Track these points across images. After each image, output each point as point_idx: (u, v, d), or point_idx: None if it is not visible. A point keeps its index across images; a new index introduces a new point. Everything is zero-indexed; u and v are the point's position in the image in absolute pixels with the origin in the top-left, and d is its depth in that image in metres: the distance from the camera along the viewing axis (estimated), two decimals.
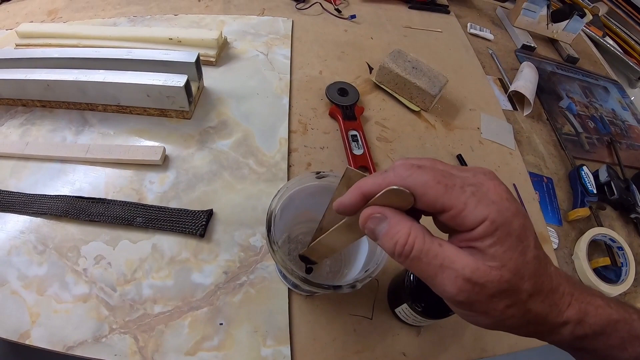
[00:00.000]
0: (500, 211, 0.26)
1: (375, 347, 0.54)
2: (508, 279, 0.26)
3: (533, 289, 0.27)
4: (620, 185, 0.81)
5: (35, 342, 0.48)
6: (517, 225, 0.27)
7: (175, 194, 0.62)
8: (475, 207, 0.26)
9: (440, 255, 0.27)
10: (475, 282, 0.26)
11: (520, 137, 0.89)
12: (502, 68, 1.06)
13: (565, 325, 0.29)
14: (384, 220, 0.29)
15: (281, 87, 0.80)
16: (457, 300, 0.27)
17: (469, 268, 0.26)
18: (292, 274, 0.43)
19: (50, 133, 0.67)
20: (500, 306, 0.27)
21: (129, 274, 0.54)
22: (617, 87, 1.19)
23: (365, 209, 0.30)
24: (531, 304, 0.27)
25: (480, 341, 0.57)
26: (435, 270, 0.27)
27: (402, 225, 0.28)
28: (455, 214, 0.27)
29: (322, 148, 0.73)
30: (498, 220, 0.26)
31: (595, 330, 0.29)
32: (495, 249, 0.26)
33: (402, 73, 0.82)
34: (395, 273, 0.57)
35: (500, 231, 0.26)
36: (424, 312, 0.49)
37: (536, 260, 0.27)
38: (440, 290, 0.28)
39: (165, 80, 0.65)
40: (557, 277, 0.29)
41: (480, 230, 0.26)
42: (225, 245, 0.58)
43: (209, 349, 0.50)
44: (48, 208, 0.58)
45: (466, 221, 0.27)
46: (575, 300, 0.29)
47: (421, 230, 0.28)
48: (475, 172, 0.29)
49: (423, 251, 0.27)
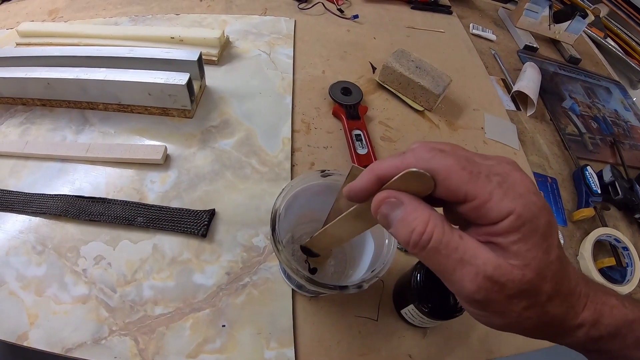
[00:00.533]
0: (527, 205, 0.24)
1: (380, 349, 0.53)
2: (530, 279, 0.24)
3: (553, 290, 0.25)
4: (624, 185, 0.81)
5: (34, 344, 0.47)
6: (543, 221, 0.25)
7: (177, 193, 0.61)
8: (502, 199, 0.24)
9: (461, 248, 0.25)
10: (496, 280, 0.24)
11: (524, 137, 0.88)
12: (505, 68, 1.05)
13: (580, 328, 0.27)
14: (400, 206, 0.26)
15: (284, 87, 0.79)
16: (475, 298, 0.25)
17: (491, 265, 0.24)
18: (297, 274, 0.42)
19: (50, 132, 0.66)
20: (518, 307, 0.25)
21: (129, 274, 0.53)
22: (619, 88, 1.19)
23: (379, 192, 0.27)
24: (549, 306, 0.26)
25: (487, 343, 0.56)
26: (455, 265, 0.25)
27: (420, 212, 0.26)
28: (479, 205, 0.25)
29: (326, 147, 0.72)
30: (525, 215, 0.24)
31: (610, 331, 0.28)
32: (519, 246, 0.24)
33: (406, 72, 0.81)
34: (401, 274, 0.57)
35: (526, 227, 0.24)
36: (430, 313, 0.48)
37: (559, 260, 0.26)
38: (457, 286, 0.26)
39: (167, 78, 0.64)
40: (575, 278, 0.27)
41: (504, 225, 0.24)
42: (227, 245, 0.57)
43: (211, 351, 0.49)
44: (47, 207, 0.57)
45: (490, 213, 0.25)
46: (591, 302, 0.28)
47: (441, 219, 0.26)
48: (500, 160, 0.27)
49: (443, 242, 0.25)
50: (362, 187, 0.29)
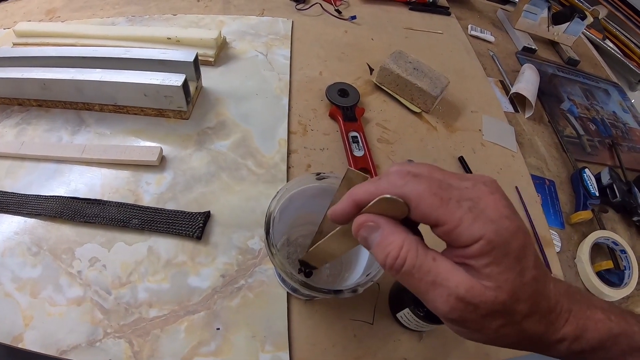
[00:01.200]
0: (498, 231, 0.25)
1: (376, 353, 0.53)
2: (503, 301, 0.25)
3: (529, 310, 0.26)
4: (622, 188, 0.81)
5: (29, 346, 0.47)
6: (515, 245, 0.25)
7: (172, 195, 0.61)
8: (471, 224, 0.25)
9: (433, 271, 0.26)
10: (468, 301, 0.25)
11: (522, 139, 0.88)
12: (503, 70, 1.05)
13: (562, 342, 0.28)
14: (377, 230, 0.28)
15: (281, 88, 0.79)
16: (449, 318, 0.26)
17: (463, 286, 0.25)
18: (291, 278, 0.42)
19: (46, 133, 0.66)
20: (494, 326, 0.26)
21: (124, 276, 0.53)
22: (618, 90, 1.19)
23: (359, 216, 0.29)
24: (526, 325, 0.26)
25: (483, 347, 0.56)
26: (427, 287, 0.26)
27: (395, 237, 0.27)
28: (450, 230, 0.26)
29: (322, 149, 0.72)
30: (495, 240, 0.25)
31: (593, 345, 0.28)
32: (490, 269, 0.25)
33: (403, 74, 0.81)
34: None
35: (497, 251, 0.25)
36: (426, 317, 0.48)
37: (534, 281, 0.26)
38: (431, 306, 0.27)
39: (163, 79, 0.63)
40: (555, 295, 0.28)
41: (475, 249, 0.25)
42: (222, 248, 0.57)
43: (206, 354, 0.49)
44: (43, 209, 0.56)
45: (461, 238, 0.25)
46: (574, 317, 0.28)
47: (415, 243, 0.27)
48: (476, 181, 0.27)
49: (415, 266, 0.26)
50: (341, 211, 0.30)
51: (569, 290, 0.29)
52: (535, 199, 0.76)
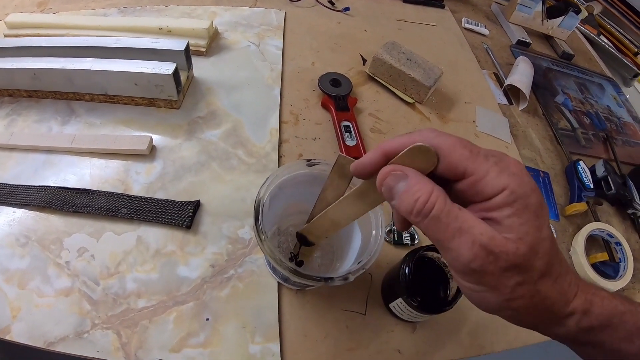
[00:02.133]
0: (521, 183, 0.26)
1: (369, 344, 0.52)
2: (523, 253, 0.26)
3: (545, 268, 0.27)
4: (617, 181, 0.81)
5: (16, 338, 0.46)
6: (535, 200, 0.26)
7: (162, 184, 0.60)
8: (497, 176, 0.26)
9: (460, 217, 0.26)
10: (491, 250, 0.25)
11: (516, 131, 0.88)
12: (497, 63, 1.05)
13: (571, 316, 0.28)
14: (405, 178, 0.28)
15: (272, 78, 0.78)
16: (470, 267, 0.26)
17: (486, 235, 0.26)
18: (281, 266, 0.41)
19: (36, 123, 0.65)
20: (512, 282, 0.26)
21: (112, 267, 0.52)
22: (612, 85, 1.19)
23: (385, 166, 0.29)
24: (541, 285, 0.27)
25: (478, 338, 0.56)
26: (453, 233, 0.26)
27: (424, 184, 0.27)
28: (476, 180, 0.27)
29: (314, 139, 0.71)
30: (518, 191, 0.26)
31: (602, 321, 0.28)
32: (512, 220, 0.26)
33: (396, 64, 0.80)
34: (390, 267, 0.56)
35: (519, 203, 0.26)
36: (419, 307, 0.47)
37: (550, 239, 0.27)
38: (454, 254, 0.27)
39: (154, 68, 0.63)
40: (566, 265, 0.28)
41: (499, 199, 0.26)
42: (212, 237, 0.56)
43: (195, 345, 0.48)
44: (31, 199, 0.55)
45: (486, 188, 0.26)
46: (582, 291, 0.28)
47: (443, 192, 0.27)
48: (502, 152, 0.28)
49: (444, 211, 0.26)
50: (370, 161, 0.30)
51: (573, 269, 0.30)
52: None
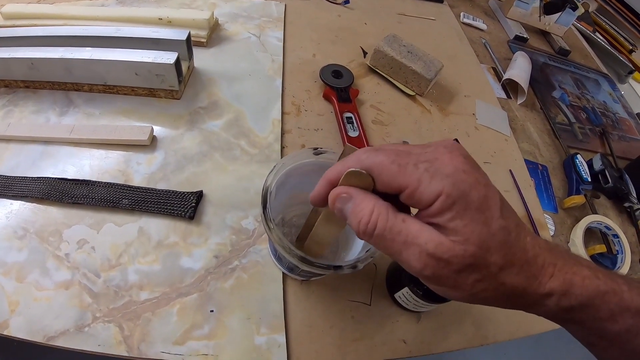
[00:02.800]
0: (455, 184, 0.26)
1: (374, 335, 0.52)
2: (473, 253, 0.26)
3: (503, 261, 0.26)
4: (614, 174, 0.82)
5: (14, 333, 0.45)
6: (476, 196, 0.26)
7: (164, 175, 0.59)
8: (430, 182, 0.26)
9: (404, 231, 0.27)
10: (439, 257, 0.26)
11: (515, 125, 0.88)
12: (496, 57, 1.05)
13: (549, 297, 0.28)
14: (350, 200, 0.29)
15: (274, 69, 0.78)
16: (424, 275, 0.27)
17: (432, 243, 0.26)
18: (289, 253, 0.41)
19: (33, 114, 0.63)
20: (469, 280, 0.27)
21: (113, 258, 0.51)
22: (608, 81, 1.20)
23: (332, 190, 0.31)
24: (504, 277, 0.27)
25: (482, 328, 0.56)
26: (400, 247, 0.27)
27: (366, 203, 0.28)
28: (411, 192, 0.27)
29: (317, 130, 0.71)
30: (453, 193, 0.26)
31: (582, 301, 0.28)
32: (455, 223, 0.26)
33: (398, 57, 0.80)
34: None
35: (458, 204, 0.26)
36: (424, 296, 0.47)
37: (503, 231, 0.26)
38: (406, 266, 0.28)
39: (155, 57, 0.62)
40: (534, 248, 0.28)
41: (437, 206, 0.26)
42: (215, 228, 0.56)
43: (199, 337, 0.47)
44: (29, 191, 0.54)
45: (423, 198, 0.27)
46: (559, 271, 0.28)
47: (385, 207, 0.28)
48: (437, 145, 0.29)
49: (386, 228, 0.27)
50: (319, 192, 0.32)
51: (550, 245, 0.29)
52: (529, 183, 0.76)
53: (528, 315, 0.60)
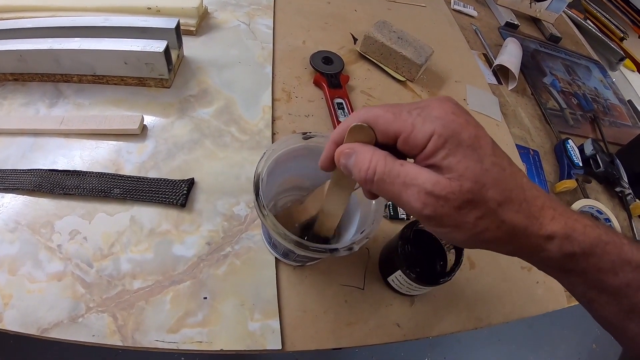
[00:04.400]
0: (446, 124, 0.27)
1: (368, 319, 0.52)
2: (469, 188, 0.27)
3: (501, 197, 0.27)
4: (605, 159, 0.82)
5: (8, 326, 0.45)
6: (466, 135, 0.27)
7: (155, 163, 0.59)
8: (422, 125, 0.28)
9: (402, 174, 0.28)
10: (437, 195, 0.27)
11: (506, 110, 0.88)
12: (486, 44, 1.05)
13: (551, 240, 0.28)
14: (353, 154, 0.31)
15: (264, 56, 0.78)
16: (425, 214, 0.28)
17: (429, 182, 0.27)
18: (285, 239, 0.41)
19: (22, 107, 0.62)
20: (471, 218, 0.27)
21: (106, 248, 0.51)
22: (599, 67, 1.21)
23: (338, 148, 0.32)
24: (504, 214, 0.27)
25: (475, 311, 0.56)
26: (400, 189, 0.28)
27: (365, 153, 0.30)
28: (406, 136, 0.28)
29: (307, 116, 0.71)
30: (445, 132, 0.27)
31: (585, 248, 0.28)
32: (449, 161, 0.27)
33: (388, 42, 0.80)
34: (387, 241, 0.56)
35: (450, 142, 0.27)
36: (418, 279, 0.48)
37: (496, 167, 0.27)
38: (407, 208, 0.29)
39: (144, 46, 0.61)
40: (532, 189, 0.29)
41: (430, 146, 0.27)
42: (207, 215, 0.55)
43: (193, 325, 0.47)
44: (20, 183, 0.54)
45: (417, 140, 0.28)
46: (560, 215, 0.29)
47: (383, 154, 0.30)
48: (430, 98, 0.30)
49: (385, 173, 0.29)
50: (327, 155, 0.34)
51: (550, 194, 0.30)
52: (521, 168, 0.76)
53: (521, 297, 0.61)
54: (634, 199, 0.81)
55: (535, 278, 0.62)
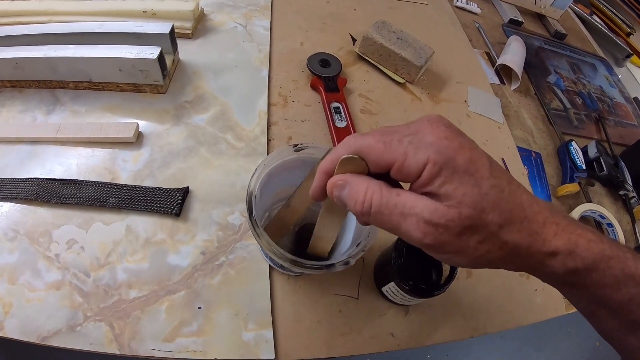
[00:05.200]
0: (439, 150, 0.26)
1: (362, 329, 0.52)
2: (468, 214, 0.26)
3: (501, 219, 0.27)
4: (609, 162, 0.81)
5: (9, 334, 0.45)
6: (462, 160, 0.27)
7: (150, 172, 0.59)
8: (415, 154, 0.27)
9: (399, 204, 0.28)
10: (436, 223, 0.26)
11: (508, 111, 0.87)
12: (489, 42, 1.04)
13: (555, 256, 0.28)
14: (346, 185, 0.30)
15: (260, 59, 0.77)
16: (426, 243, 0.27)
17: (427, 210, 0.27)
18: (280, 258, 0.41)
19: (20, 114, 0.63)
20: (472, 243, 0.27)
21: (102, 258, 0.51)
22: (605, 65, 1.18)
23: (330, 179, 0.32)
24: (505, 236, 0.27)
25: (472, 320, 0.56)
26: (398, 220, 0.28)
27: (360, 185, 0.29)
28: (400, 166, 0.28)
29: (304, 121, 0.70)
30: (439, 160, 0.26)
31: (587, 264, 0.28)
32: (445, 188, 0.26)
33: (387, 44, 0.79)
34: (382, 251, 0.56)
35: (446, 170, 0.26)
36: (411, 291, 0.47)
37: (495, 189, 0.27)
38: (407, 238, 0.28)
39: (138, 53, 0.61)
40: (531, 205, 0.28)
41: (426, 175, 0.27)
42: (202, 224, 0.55)
43: (188, 334, 0.48)
44: (18, 192, 0.54)
45: (411, 170, 0.27)
46: (563, 231, 0.28)
47: (378, 185, 0.29)
48: (421, 120, 0.29)
49: (382, 204, 0.28)
50: (317, 185, 0.33)
51: (550, 205, 0.30)
52: (522, 171, 0.75)
53: (519, 305, 0.60)
54: (637, 202, 0.79)
55: (534, 286, 0.62)
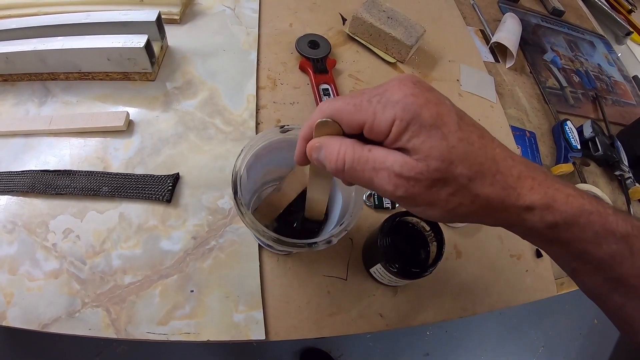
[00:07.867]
0: (406, 107, 0.27)
1: (350, 309, 0.53)
2: (436, 167, 0.27)
3: (471, 172, 0.27)
4: (604, 142, 0.80)
5: (12, 323, 0.47)
6: (428, 114, 0.27)
7: (141, 159, 0.59)
8: (383, 112, 0.28)
9: (371, 159, 0.29)
10: (407, 176, 0.27)
11: (502, 89, 0.86)
12: (484, 19, 1.02)
13: (531, 211, 0.28)
14: (322, 147, 0.31)
15: (249, 42, 0.76)
16: (398, 196, 0.28)
17: (397, 164, 0.27)
18: (263, 236, 0.41)
19: (13, 107, 0.64)
20: (443, 195, 0.28)
21: (97, 245, 0.53)
22: (604, 42, 1.16)
23: (308, 144, 0.33)
24: (476, 188, 0.27)
25: (460, 300, 0.57)
26: (371, 174, 0.29)
27: (333, 144, 0.30)
28: (370, 126, 0.28)
29: (292, 103, 0.70)
30: (405, 116, 0.27)
31: (567, 218, 0.28)
32: (413, 142, 0.27)
33: (377, 23, 0.78)
34: (370, 232, 0.56)
35: (413, 125, 0.27)
36: (398, 273, 0.48)
37: (464, 142, 0.27)
38: (381, 191, 0.29)
39: (125, 41, 0.61)
40: (505, 159, 0.28)
41: (394, 131, 0.27)
42: (192, 209, 0.56)
43: (181, 317, 0.49)
44: (14, 185, 0.55)
45: (381, 128, 0.28)
46: (539, 185, 0.28)
47: (350, 143, 0.30)
48: (391, 80, 0.29)
49: (355, 160, 0.29)
50: (299, 151, 0.34)
51: (527, 160, 0.30)
52: (515, 151, 0.75)
53: (509, 286, 0.61)
54: (633, 182, 0.78)
55: (525, 267, 0.62)
